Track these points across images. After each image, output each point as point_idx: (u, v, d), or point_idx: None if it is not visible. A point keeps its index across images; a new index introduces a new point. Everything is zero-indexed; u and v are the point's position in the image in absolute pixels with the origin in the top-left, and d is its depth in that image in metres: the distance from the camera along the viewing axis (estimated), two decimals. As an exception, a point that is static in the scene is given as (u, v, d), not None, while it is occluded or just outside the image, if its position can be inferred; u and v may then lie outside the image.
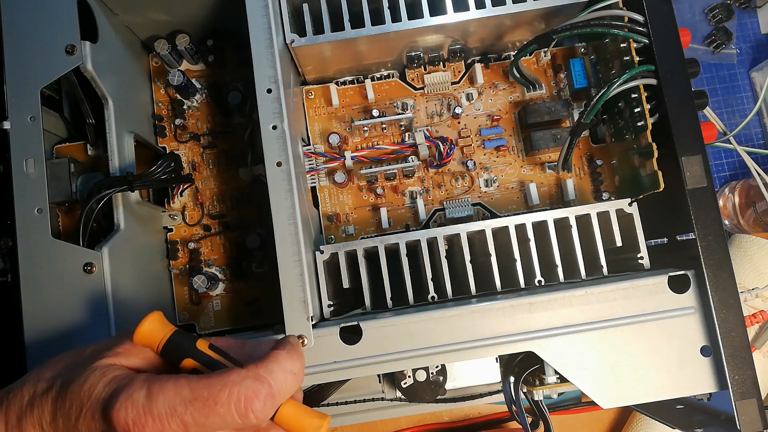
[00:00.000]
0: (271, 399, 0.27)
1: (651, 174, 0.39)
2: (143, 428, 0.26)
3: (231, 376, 0.27)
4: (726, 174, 0.65)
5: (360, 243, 0.41)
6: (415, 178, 0.48)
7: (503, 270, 0.41)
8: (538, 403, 0.43)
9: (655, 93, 0.39)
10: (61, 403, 0.28)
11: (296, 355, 0.30)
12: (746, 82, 0.66)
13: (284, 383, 0.28)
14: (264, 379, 0.28)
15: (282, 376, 0.28)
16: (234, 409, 0.27)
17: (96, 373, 0.28)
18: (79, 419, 0.28)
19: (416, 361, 0.37)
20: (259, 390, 0.27)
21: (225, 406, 0.27)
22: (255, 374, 0.28)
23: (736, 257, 0.60)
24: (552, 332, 0.37)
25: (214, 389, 0.27)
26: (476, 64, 0.49)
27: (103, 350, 0.30)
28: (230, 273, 0.49)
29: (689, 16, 0.67)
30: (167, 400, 0.27)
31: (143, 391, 0.27)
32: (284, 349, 0.30)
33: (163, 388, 0.27)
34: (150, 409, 0.27)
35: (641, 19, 0.39)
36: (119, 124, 0.42)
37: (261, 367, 0.28)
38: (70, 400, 0.28)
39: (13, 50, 0.39)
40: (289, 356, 0.30)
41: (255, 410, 0.27)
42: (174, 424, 0.27)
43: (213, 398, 0.27)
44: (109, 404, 0.27)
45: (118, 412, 0.26)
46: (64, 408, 0.28)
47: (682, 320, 0.37)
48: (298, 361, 0.30)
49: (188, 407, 0.27)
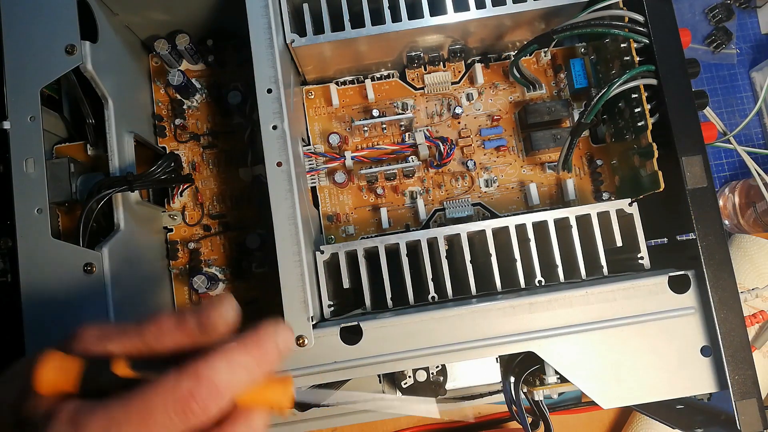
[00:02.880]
0: (214, 395, 0.25)
1: (651, 174, 0.39)
2: None
3: (165, 382, 0.25)
4: (726, 174, 0.65)
5: (360, 243, 0.41)
6: (415, 178, 0.48)
7: (503, 270, 0.41)
8: (538, 403, 0.43)
9: (656, 93, 0.39)
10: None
11: (254, 347, 0.27)
12: (746, 82, 0.66)
13: (231, 377, 0.26)
14: (203, 376, 0.25)
15: (228, 370, 0.26)
16: (173, 415, 0.25)
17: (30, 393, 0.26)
18: None
19: (416, 362, 0.37)
20: (195, 389, 0.25)
21: (163, 414, 0.25)
22: (192, 373, 0.25)
23: (736, 257, 0.60)
24: (552, 332, 0.37)
25: (148, 401, 0.25)
26: (476, 64, 0.49)
27: (14, 391, 0.27)
28: (230, 273, 0.49)
29: (689, 16, 0.67)
30: (98, 427, 0.24)
31: (67, 422, 0.24)
32: (239, 341, 0.27)
33: (92, 417, 0.24)
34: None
35: (641, 19, 0.39)
36: (119, 124, 0.42)
37: (201, 363, 0.26)
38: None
39: (13, 50, 0.39)
40: (241, 349, 0.27)
41: (194, 411, 0.25)
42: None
43: (148, 410, 0.25)
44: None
45: None
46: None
47: (683, 320, 0.37)
48: (257, 352, 0.27)
49: (123, 427, 0.24)
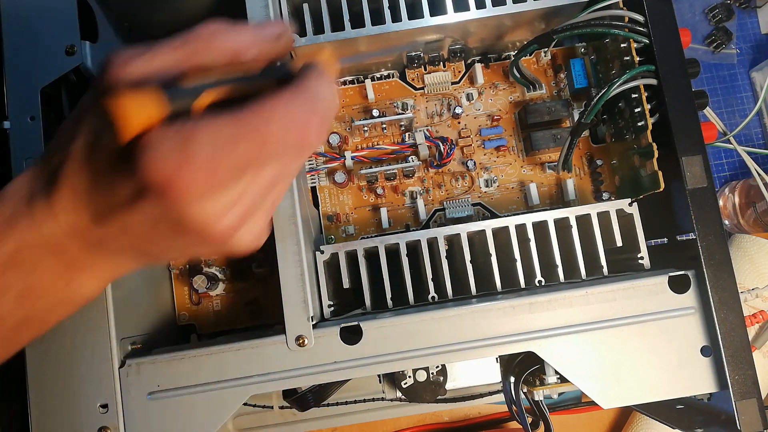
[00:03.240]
0: (326, 122, 0.24)
1: (651, 174, 0.39)
2: (186, 181, 0.22)
3: (280, 101, 0.23)
4: (726, 174, 0.65)
5: (360, 243, 0.41)
6: (415, 178, 0.48)
7: (503, 270, 0.41)
8: (538, 403, 0.43)
9: (656, 93, 0.39)
10: (92, 167, 0.24)
11: (330, 79, 0.26)
12: (746, 82, 0.66)
13: (329, 103, 0.25)
14: (312, 99, 0.24)
15: (326, 96, 0.25)
16: (293, 138, 0.23)
17: (100, 126, 0.24)
18: (116, 182, 0.24)
19: (416, 362, 0.37)
20: (312, 111, 0.24)
21: (281, 139, 0.23)
22: (303, 96, 0.24)
23: (736, 257, 0.60)
24: (552, 332, 0.37)
25: (262, 120, 0.22)
26: (476, 64, 0.49)
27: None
28: (230, 273, 0.49)
29: (689, 16, 0.67)
30: (207, 143, 0.22)
31: (173, 140, 0.22)
32: (312, 69, 0.26)
33: (197, 131, 0.22)
34: (188, 158, 0.21)
35: (641, 19, 0.39)
36: (119, 124, 0.42)
37: (304, 89, 0.24)
38: (101, 164, 0.24)
39: (13, 50, 0.39)
40: (324, 77, 0.26)
41: (313, 133, 0.24)
42: (224, 169, 0.22)
43: (264, 130, 0.22)
44: (138, 162, 0.22)
45: (149, 169, 0.21)
46: (98, 172, 0.24)
47: (683, 320, 0.37)
48: (333, 87, 0.26)
49: (236, 145, 0.22)
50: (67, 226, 0.25)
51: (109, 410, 0.37)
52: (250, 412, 0.55)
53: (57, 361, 0.37)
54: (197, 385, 0.37)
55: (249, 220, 0.26)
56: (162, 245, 0.26)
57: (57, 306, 0.28)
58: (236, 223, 0.25)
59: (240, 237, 0.26)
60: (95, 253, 0.26)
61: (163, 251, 0.27)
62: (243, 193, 0.24)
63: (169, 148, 0.22)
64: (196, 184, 0.22)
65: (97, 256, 0.27)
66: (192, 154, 0.22)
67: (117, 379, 0.37)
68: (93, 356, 0.37)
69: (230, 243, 0.26)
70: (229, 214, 0.24)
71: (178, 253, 0.28)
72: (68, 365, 0.37)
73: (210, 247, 0.26)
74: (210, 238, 0.24)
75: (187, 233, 0.24)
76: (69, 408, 0.36)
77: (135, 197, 0.24)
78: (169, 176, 0.22)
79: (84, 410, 0.37)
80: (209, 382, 0.37)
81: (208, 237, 0.24)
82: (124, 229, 0.25)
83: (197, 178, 0.22)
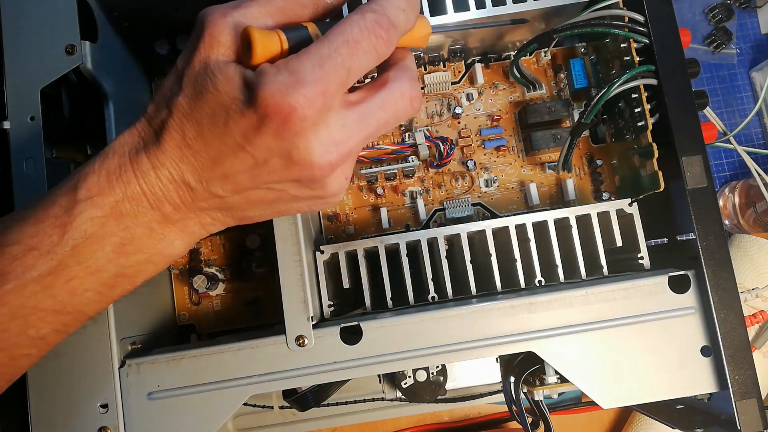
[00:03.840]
0: (392, 27, 0.27)
1: (651, 174, 0.39)
2: (305, 100, 0.25)
3: (352, 18, 0.27)
4: (726, 174, 0.65)
5: (360, 243, 0.41)
6: (415, 178, 0.49)
7: (503, 270, 0.41)
8: (538, 403, 0.43)
9: (656, 93, 0.39)
10: (200, 116, 0.26)
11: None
12: (746, 82, 0.66)
13: (398, 16, 0.28)
14: (380, 11, 0.27)
15: (393, 9, 0.28)
16: (370, 40, 0.26)
17: (217, 73, 0.26)
18: (229, 123, 0.26)
19: (416, 362, 0.37)
20: (379, 19, 0.27)
21: (362, 41, 0.26)
22: (370, 9, 0.27)
23: (736, 257, 0.60)
24: (552, 332, 0.37)
25: (346, 33, 0.26)
26: (476, 64, 0.49)
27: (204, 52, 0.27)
28: (230, 273, 0.49)
29: (689, 16, 0.67)
30: (314, 64, 0.25)
31: (284, 71, 0.25)
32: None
33: (303, 58, 0.25)
34: (302, 80, 0.25)
35: (641, 19, 0.39)
36: (119, 124, 0.42)
37: (372, 3, 0.28)
38: (210, 109, 0.26)
39: (13, 50, 0.39)
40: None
41: (383, 37, 0.27)
42: (332, 80, 0.25)
43: (351, 39, 0.26)
44: (254, 95, 0.25)
45: (268, 98, 0.25)
46: (206, 119, 0.26)
47: (683, 320, 0.37)
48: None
49: (335, 57, 0.25)
50: (168, 179, 0.28)
51: (109, 410, 0.37)
52: (250, 412, 0.55)
53: (57, 361, 0.36)
54: (197, 385, 0.37)
55: (344, 163, 0.28)
56: (258, 194, 0.29)
57: (148, 262, 0.30)
58: (336, 160, 0.27)
59: (335, 177, 0.28)
60: (185, 211, 0.29)
61: (256, 202, 0.29)
62: (347, 135, 0.27)
63: (285, 75, 0.25)
64: (310, 105, 0.25)
65: (186, 214, 0.29)
66: (304, 76, 0.25)
67: (117, 379, 0.37)
68: (93, 356, 0.37)
69: (327, 183, 0.28)
70: (332, 149, 0.27)
71: (267, 205, 0.30)
72: (68, 365, 0.37)
73: (307, 186, 0.28)
74: (313, 170, 0.27)
75: (292, 166, 0.27)
76: (69, 408, 0.36)
77: (253, 131, 0.26)
78: (287, 99, 0.24)
79: (84, 410, 0.37)
80: (209, 382, 0.37)
81: (311, 169, 0.27)
82: (224, 175, 0.27)
83: (311, 97, 0.25)
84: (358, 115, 0.27)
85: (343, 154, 0.27)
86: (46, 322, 0.28)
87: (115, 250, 0.28)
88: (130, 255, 0.29)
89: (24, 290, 0.27)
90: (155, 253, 0.29)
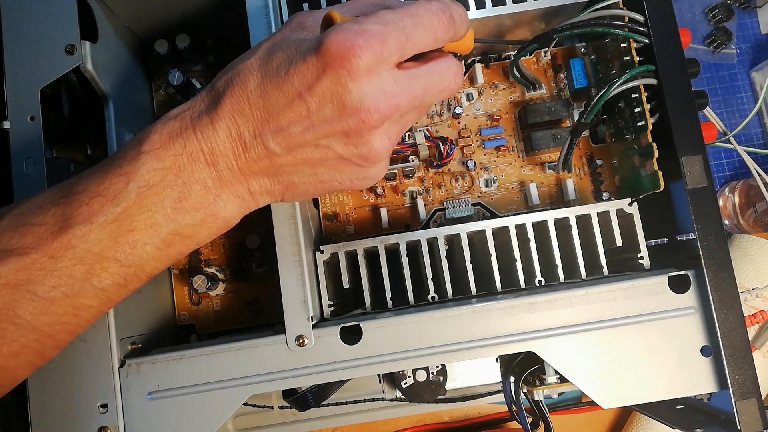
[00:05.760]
0: (452, 19, 0.30)
1: (651, 174, 0.39)
2: (365, 42, 0.27)
3: (420, 1, 0.30)
4: (726, 174, 0.65)
5: (360, 243, 0.41)
6: (415, 178, 0.48)
7: (503, 270, 0.41)
8: (538, 403, 0.43)
9: (656, 93, 0.39)
10: (264, 69, 0.29)
11: (460, 6, 0.32)
12: (746, 82, 0.66)
13: (457, 15, 0.31)
14: (445, 3, 0.30)
15: (455, 8, 0.31)
16: (433, 19, 0.29)
17: (294, 40, 0.29)
18: (290, 71, 0.28)
19: (416, 361, 0.37)
20: (444, 8, 0.30)
21: (426, 17, 0.29)
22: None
23: (736, 257, 0.60)
24: (552, 332, 0.37)
25: (413, 8, 0.29)
26: (476, 64, 0.49)
27: (288, 31, 0.31)
28: (230, 273, 0.49)
29: (689, 16, 0.67)
30: (378, 21, 0.28)
31: (351, 21, 0.28)
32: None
33: (369, 17, 0.28)
34: (365, 28, 0.27)
35: (641, 19, 0.39)
36: (119, 124, 0.42)
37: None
38: (276, 63, 0.29)
39: (13, 50, 0.39)
40: (456, 5, 0.31)
41: (445, 22, 0.30)
42: (392, 36, 0.28)
43: (416, 13, 0.29)
44: (320, 41, 0.27)
45: (332, 40, 0.27)
46: (270, 71, 0.29)
47: (683, 320, 0.37)
48: (462, 10, 0.31)
49: (398, 22, 0.28)
50: (225, 134, 0.29)
51: (109, 410, 0.37)
52: (250, 412, 0.55)
53: (57, 361, 0.36)
54: (197, 385, 0.37)
55: (391, 117, 0.29)
56: (306, 153, 0.30)
57: (202, 223, 0.31)
58: (385, 109, 0.29)
59: (380, 134, 0.30)
60: (237, 173, 0.30)
61: (303, 163, 0.31)
62: (398, 89, 0.29)
63: (351, 23, 0.28)
64: (369, 48, 0.27)
65: (237, 176, 0.30)
66: (367, 26, 0.27)
67: (117, 379, 0.37)
68: (93, 356, 0.37)
69: (371, 139, 0.30)
70: (384, 99, 0.28)
71: (312, 168, 0.31)
72: (68, 365, 0.37)
73: (352, 144, 0.30)
74: (361, 115, 0.28)
75: (343, 112, 0.28)
76: (69, 408, 0.36)
77: (312, 76, 0.28)
78: (349, 39, 0.27)
79: (84, 410, 0.37)
80: (209, 382, 0.37)
81: (360, 114, 0.28)
82: (278, 128, 0.29)
83: (371, 43, 0.27)
84: (409, 75, 0.30)
85: (392, 106, 0.29)
86: (108, 272, 0.30)
87: (173, 206, 0.30)
88: (187, 212, 0.30)
89: (90, 236, 0.29)
90: (209, 213, 0.31)
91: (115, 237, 0.29)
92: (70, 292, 0.29)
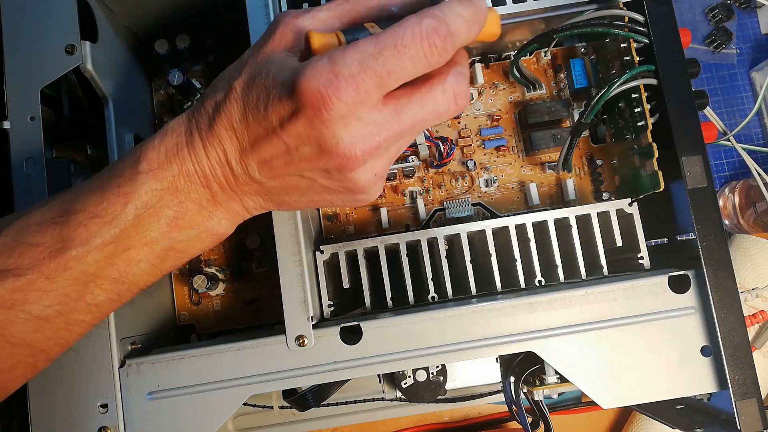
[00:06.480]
0: (449, 37, 0.27)
1: (651, 174, 0.39)
2: (336, 91, 0.26)
3: (409, 21, 0.27)
4: (726, 174, 0.65)
5: (360, 243, 0.41)
6: (415, 178, 0.48)
7: (503, 270, 0.41)
8: (538, 403, 0.43)
9: (656, 93, 0.39)
10: (246, 99, 0.28)
11: (469, 4, 0.28)
12: (746, 82, 0.66)
13: (459, 26, 0.28)
14: (440, 17, 0.27)
15: (455, 18, 0.27)
16: (421, 47, 0.26)
17: (275, 62, 0.28)
18: (268, 107, 0.27)
19: (416, 361, 0.37)
20: (437, 27, 0.27)
21: (411, 46, 0.26)
22: (431, 14, 0.27)
23: (736, 257, 0.60)
24: (552, 332, 0.37)
25: (398, 35, 0.26)
26: (476, 64, 0.49)
27: (272, 47, 0.30)
28: (230, 273, 0.49)
29: (689, 16, 0.67)
30: (354, 59, 0.26)
31: (325, 60, 0.26)
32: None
33: (346, 52, 0.26)
34: (338, 72, 0.26)
35: (641, 19, 0.39)
36: (119, 124, 0.42)
37: (434, 9, 0.28)
38: (256, 94, 0.28)
39: (13, 50, 0.39)
40: (461, 3, 0.28)
41: (437, 45, 0.27)
42: (368, 78, 0.26)
43: (400, 43, 0.26)
44: (294, 81, 0.26)
45: (303, 84, 0.26)
46: (251, 102, 0.28)
47: (683, 320, 0.37)
48: (471, 9, 0.28)
49: (377, 58, 0.26)
50: (215, 160, 0.29)
51: (109, 410, 0.37)
52: (250, 412, 0.55)
53: (57, 361, 0.36)
54: (197, 385, 0.37)
55: (372, 157, 0.29)
56: (292, 181, 0.30)
57: (196, 239, 0.31)
58: (363, 152, 0.28)
59: (363, 171, 0.29)
60: (229, 192, 0.31)
61: (291, 189, 0.31)
62: (377, 130, 0.28)
63: (325, 62, 0.26)
64: (340, 97, 0.26)
65: (230, 195, 0.31)
66: (341, 69, 0.26)
67: (117, 379, 0.37)
68: (93, 356, 0.37)
69: (354, 176, 0.29)
70: (361, 142, 0.27)
71: (301, 193, 0.31)
72: (68, 365, 0.37)
73: (335, 178, 0.29)
74: (339, 160, 0.28)
75: (321, 154, 0.28)
76: (69, 408, 0.36)
77: (287, 117, 0.27)
78: (320, 88, 0.26)
79: (84, 410, 0.37)
80: (209, 382, 0.37)
81: (338, 159, 0.28)
82: (262, 160, 0.29)
83: (343, 90, 0.26)
84: (393, 111, 0.28)
85: (371, 147, 0.28)
86: (102, 289, 0.30)
87: (168, 224, 0.30)
88: (182, 229, 0.30)
89: (87, 257, 0.29)
90: (203, 230, 0.31)
91: (111, 257, 0.29)
92: (64, 310, 0.29)
